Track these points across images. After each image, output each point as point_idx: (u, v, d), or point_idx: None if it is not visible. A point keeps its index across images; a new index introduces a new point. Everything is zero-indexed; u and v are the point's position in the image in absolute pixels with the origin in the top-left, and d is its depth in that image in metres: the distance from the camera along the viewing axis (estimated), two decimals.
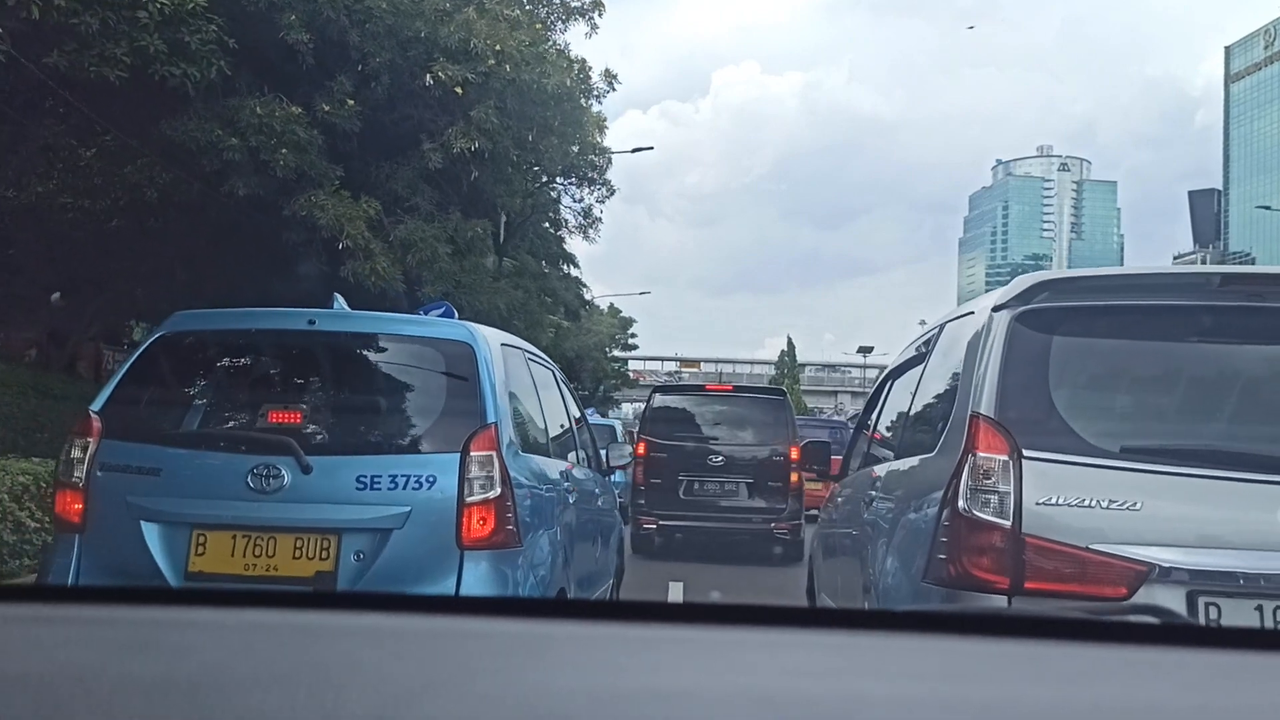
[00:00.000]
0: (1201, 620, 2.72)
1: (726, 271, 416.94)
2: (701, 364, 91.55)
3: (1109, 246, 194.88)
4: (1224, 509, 2.79)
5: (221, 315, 4.48)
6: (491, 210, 17.17)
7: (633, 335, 57.65)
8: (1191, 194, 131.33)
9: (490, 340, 4.25)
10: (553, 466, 4.72)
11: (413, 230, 13.54)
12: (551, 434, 5.00)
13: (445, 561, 3.73)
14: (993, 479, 2.86)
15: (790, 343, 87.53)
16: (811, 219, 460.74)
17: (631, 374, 64.65)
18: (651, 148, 29.85)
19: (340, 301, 4.50)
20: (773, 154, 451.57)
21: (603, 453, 6.34)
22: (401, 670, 0.94)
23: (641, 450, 11.76)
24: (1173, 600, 2.71)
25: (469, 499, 3.76)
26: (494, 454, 3.82)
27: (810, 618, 1.37)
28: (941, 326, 3.92)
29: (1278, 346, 3.10)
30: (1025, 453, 2.86)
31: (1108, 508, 2.77)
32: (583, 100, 17.68)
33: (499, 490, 3.79)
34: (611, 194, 24.43)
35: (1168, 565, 2.73)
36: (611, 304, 53.37)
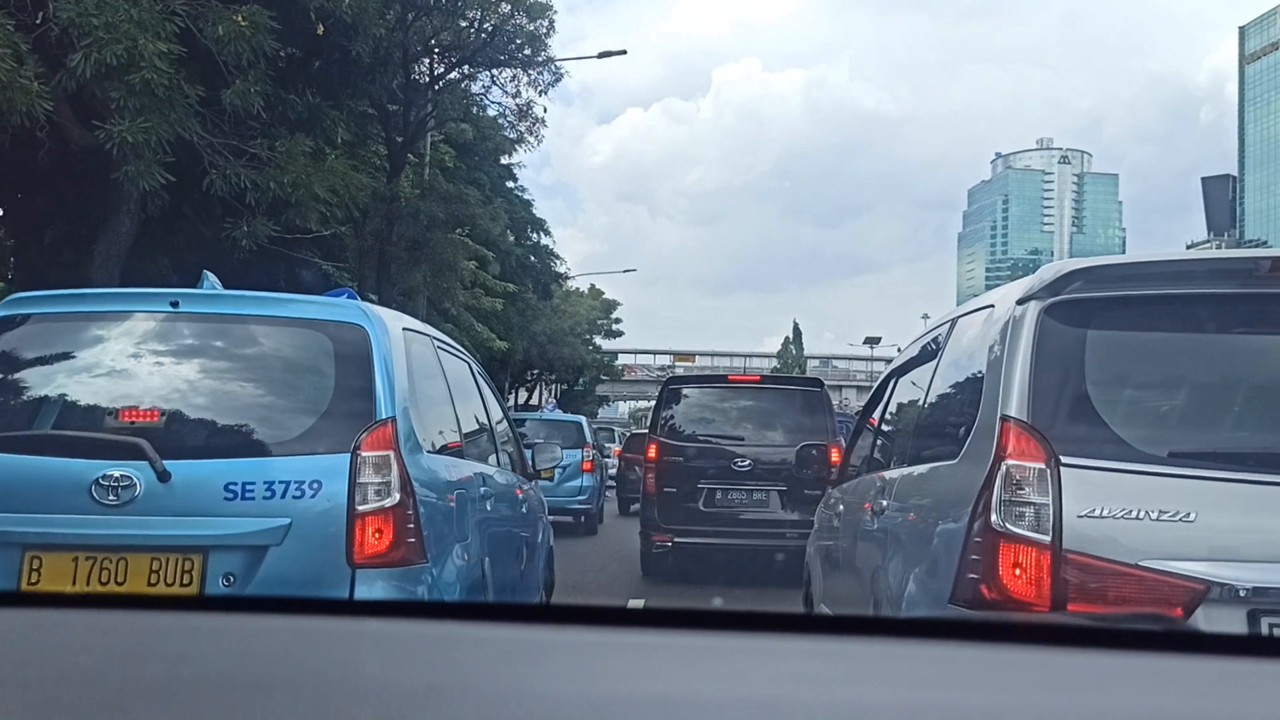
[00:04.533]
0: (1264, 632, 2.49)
1: (727, 270, 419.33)
2: (696, 357, 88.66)
3: (1110, 241, 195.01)
4: None
5: (66, 297, 3.89)
6: (301, 15, 9.74)
7: (617, 321, 51.60)
8: (1205, 180, 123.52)
9: (389, 323, 3.76)
10: (466, 469, 4.28)
11: (90, 5, 7.49)
12: (465, 433, 4.53)
13: (333, 582, 3.29)
14: (1027, 490, 2.64)
15: (796, 329, 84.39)
16: (813, 217, 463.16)
17: (621, 367, 58.86)
18: (624, 51, 22.01)
19: (211, 280, 3.95)
20: (774, 151, 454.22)
21: (527, 454, 5.78)
22: (404, 676, 0.94)
23: (653, 454, 9.96)
24: (1233, 621, 2.48)
25: (361, 508, 3.31)
26: (391, 454, 3.38)
27: (810, 624, 1.35)
28: (954, 321, 3.65)
29: None
30: (1063, 459, 2.63)
31: (1158, 519, 2.54)
32: None
33: (397, 497, 3.35)
34: (557, 80, 17.53)
35: (1227, 583, 2.48)
36: (593, 285, 48.63)
